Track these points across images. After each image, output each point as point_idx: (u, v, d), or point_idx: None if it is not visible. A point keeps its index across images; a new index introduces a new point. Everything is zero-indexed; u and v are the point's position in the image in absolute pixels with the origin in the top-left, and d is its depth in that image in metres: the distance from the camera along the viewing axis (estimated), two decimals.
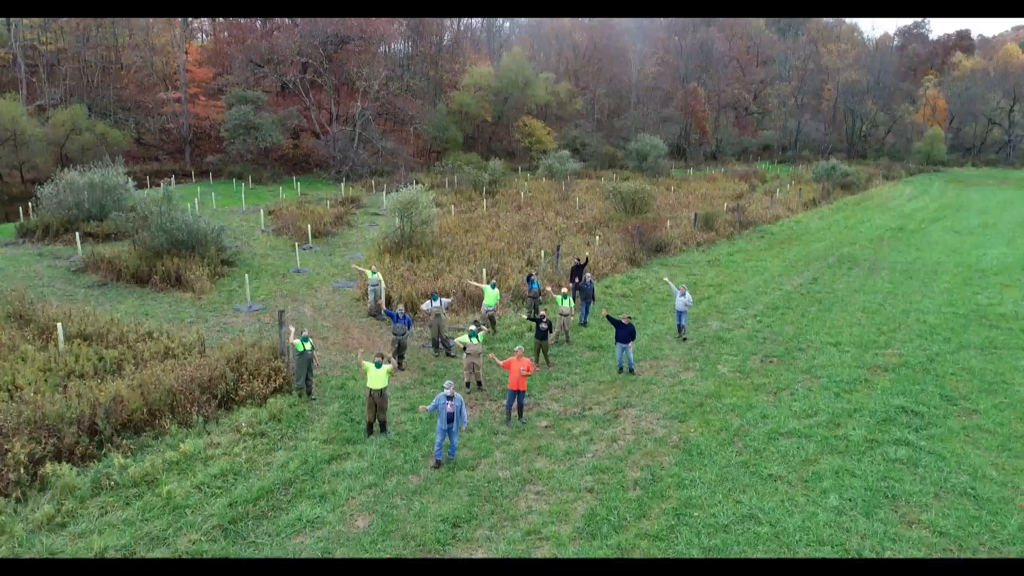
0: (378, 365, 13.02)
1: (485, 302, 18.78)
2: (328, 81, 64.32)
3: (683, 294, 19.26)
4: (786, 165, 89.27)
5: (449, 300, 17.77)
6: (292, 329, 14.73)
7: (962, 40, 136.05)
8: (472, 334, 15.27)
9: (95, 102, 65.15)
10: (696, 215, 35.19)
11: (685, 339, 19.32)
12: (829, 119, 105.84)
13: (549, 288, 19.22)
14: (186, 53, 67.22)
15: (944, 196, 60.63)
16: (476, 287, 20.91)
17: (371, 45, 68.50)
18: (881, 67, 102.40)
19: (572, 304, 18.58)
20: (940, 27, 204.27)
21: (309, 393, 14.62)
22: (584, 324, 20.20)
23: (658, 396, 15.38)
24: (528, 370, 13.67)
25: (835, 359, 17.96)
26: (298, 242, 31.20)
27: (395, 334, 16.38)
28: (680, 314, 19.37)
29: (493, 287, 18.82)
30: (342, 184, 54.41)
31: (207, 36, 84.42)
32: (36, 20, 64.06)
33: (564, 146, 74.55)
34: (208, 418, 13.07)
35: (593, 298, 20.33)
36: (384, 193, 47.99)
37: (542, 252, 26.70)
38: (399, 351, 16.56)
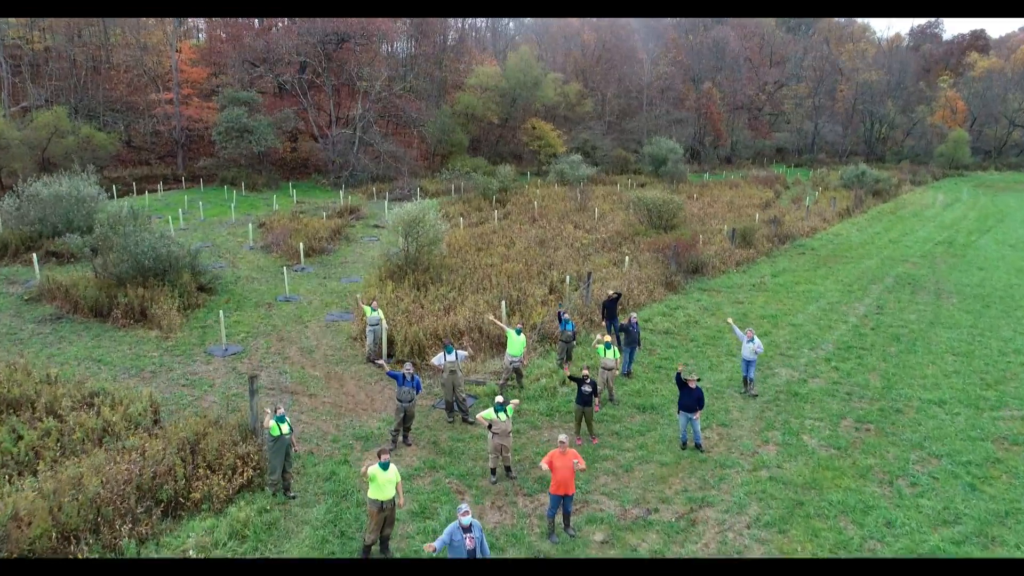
0: (384, 466, 9.57)
1: (509, 351, 15.29)
2: (328, 81, 60.88)
3: (751, 339, 15.74)
4: (804, 169, 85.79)
5: (466, 353, 14.32)
6: (269, 411, 11.15)
7: (977, 40, 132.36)
8: (499, 408, 11.79)
9: (83, 103, 61.87)
10: (734, 230, 31.66)
11: (754, 395, 15.80)
12: (844, 121, 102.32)
13: (599, 336, 15.67)
14: (179, 52, 63.80)
15: (978, 203, 57.07)
16: (496, 325, 17.38)
17: (372, 44, 65.06)
18: (901, 67, 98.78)
19: (617, 356, 15.07)
20: (953, 27, 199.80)
21: (286, 491, 11.13)
22: (628, 375, 16.69)
23: (740, 487, 11.88)
24: (579, 465, 10.23)
25: (945, 425, 14.44)
26: (288, 262, 27.77)
27: (400, 400, 12.89)
28: (748, 364, 15.85)
29: (519, 332, 15.31)
30: (341, 191, 50.97)
31: (202, 35, 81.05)
32: (23, 18, 60.74)
33: (574, 149, 71.10)
34: (145, 538, 9.59)
35: (639, 343, 16.81)
36: (386, 201, 44.52)
37: (567, 277, 23.19)
38: (405, 421, 13.06)
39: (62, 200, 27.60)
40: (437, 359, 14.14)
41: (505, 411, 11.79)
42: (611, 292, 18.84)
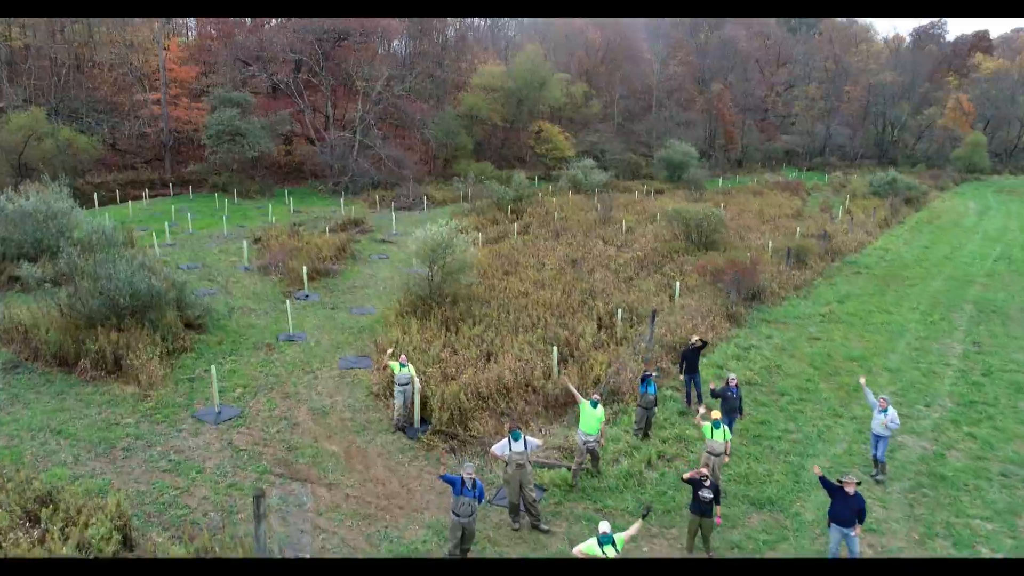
0: None
1: (582, 428, 11.92)
2: (325, 81, 57.33)
3: (884, 409, 12.44)
4: (817, 173, 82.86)
5: (540, 443, 10.97)
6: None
7: (981, 41, 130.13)
8: (605, 540, 8.43)
9: (63, 103, 58.07)
10: (789, 249, 28.40)
11: (880, 480, 12.48)
12: (853, 123, 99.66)
13: (701, 411, 12.26)
14: (167, 50, 60.07)
15: (1012, 211, 54.21)
16: (571, 393, 13.97)
17: (372, 41, 61.59)
18: (914, 68, 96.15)
19: (728, 437, 11.70)
20: (956, 28, 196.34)
21: None
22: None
23: None
24: None
25: None
26: (289, 288, 24.32)
27: (457, 515, 9.52)
28: (878, 440, 12.54)
29: (595, 405, 11.94)
30: (341, 199, 47.47)
31: (192, 32, 77.15)
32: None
33: (583, 153, 67.85)
34: None
35: (740, 412, 13.47)
36: (392, 212, 41.10)
37: (618, 311, 19.82)
38: (463, 541, 9.69)
39: (28, 217, 24.05)
40: (499, 448, 10.77)
41: (613, 545, 8.44)
42: (694, 339, 15.48)
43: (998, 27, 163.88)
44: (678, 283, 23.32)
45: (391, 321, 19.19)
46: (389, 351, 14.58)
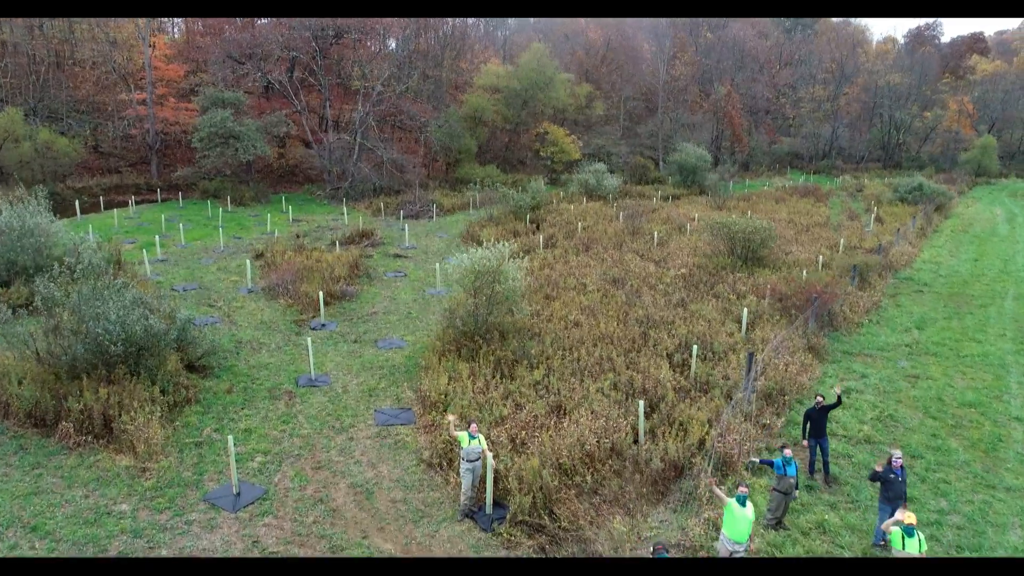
0: None
1: (728, 533, 9.15)
2: (322, 81, 54.19)
3: None
4: (825, 176, 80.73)
5: None
6: None
7: (976, 43, 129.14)
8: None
9: (43, 103, 54.55)
10: (855, 267, 25.77)
11: None
12: (859, 125, 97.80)
13: (899, 515, 9.14)
14: (153, 47, 56.64)
15: None
16: (717, 495, 11.10)
17: (371, 39, 58.50)
18: (921, 70, 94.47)
19: (923, 548, 8.92)
20: (951, 29, 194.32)
21: None
22: (882, 546, 10.61)
23: None
24: None
25: None
26: (301, 315, 21.35)
27: None
28: None
29: (742, 502, 9.18)
30: (343, 206, 44.46)
31: (177, 30, 73.54)
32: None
33: (589, 156, 65.20)
34: None
35: (904, 498, 10.70)
36: (404, 222, 38.18)
37: (693, 348, 17.02)
38: None
39: (1, 234, 20.95)
40: None
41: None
42: (835, 390, 12.71)
43: (989, 28, 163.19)
44: (745, 310, 20.57)
45: (433, 364, 16.24)
46: (451, 418, 11.73)
